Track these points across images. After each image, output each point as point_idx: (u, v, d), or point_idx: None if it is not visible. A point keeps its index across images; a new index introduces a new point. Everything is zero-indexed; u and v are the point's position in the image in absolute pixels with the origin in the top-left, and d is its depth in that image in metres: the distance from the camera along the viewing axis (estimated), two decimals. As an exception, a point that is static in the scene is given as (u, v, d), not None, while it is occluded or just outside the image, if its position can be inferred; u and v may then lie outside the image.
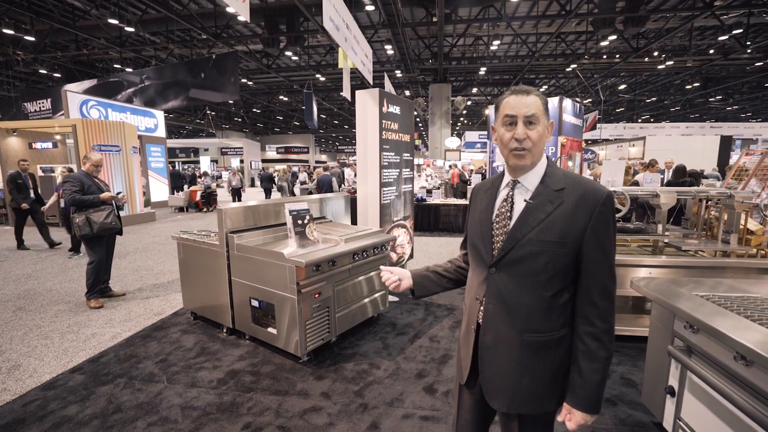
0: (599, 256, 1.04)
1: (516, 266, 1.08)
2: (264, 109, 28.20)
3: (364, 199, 4.15)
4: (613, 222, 1.05)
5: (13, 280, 5.23)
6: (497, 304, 1.11)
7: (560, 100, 8.89)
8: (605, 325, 1.04)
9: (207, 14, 12.08)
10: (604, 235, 1.03)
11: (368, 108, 3.96)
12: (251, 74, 18.69)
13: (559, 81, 21.50)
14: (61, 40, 14.42)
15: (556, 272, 1.05)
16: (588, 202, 1.03)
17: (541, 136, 1.07)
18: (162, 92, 14.01)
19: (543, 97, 1.09)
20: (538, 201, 1.07)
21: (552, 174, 1.10)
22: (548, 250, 1.04)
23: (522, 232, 1.07)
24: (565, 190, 1.06)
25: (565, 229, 1.03)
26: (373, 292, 3.46)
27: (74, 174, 4.08)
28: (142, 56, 15.83)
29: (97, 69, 17.54)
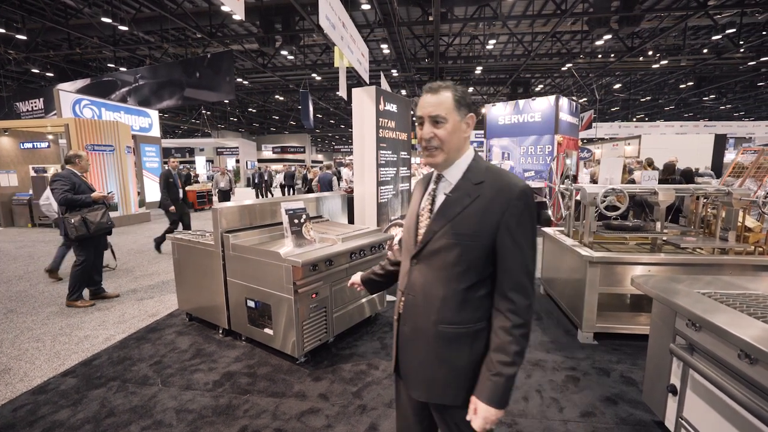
0: (512, 252, 1.03)
1: (432, 258, 1.10)
2: (260, 108, 28.07)
3: (362, 198, 4.12)
4: (528, 218, 1.04)
5: (4, 281, 5.15)
6: (415, 295, 1.15)
7: (557, 99, 8.91)
8: (518, 320, 1.03)
9: (202, 13, 11.98)
10: (517, 231, 1.03)
11: (365, 106, 3.92)
12: (247, 74, 18.59)
13: (554, 80, 21.58)
14: (53, 38, 14.24)
15: (469, 265, 1.06)
16: (502, 197, 1.03)
17: (451, 132, 1.08)
18: (157, 92, 13.89)
19: (458, 91, 1.09)
20: (457, 194, 1.10)
21: (474, 168, 1.11)
22: (461, 243, 1.05)
23: (439, 225, 1.09)
24: (483, 184, 1.07)
25: (479, 222, 1.04)
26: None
27: (63, 173, 3.97)
28: (136, 55, 15.70)
29: (91, 68, 17.36)
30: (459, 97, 1.08)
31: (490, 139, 10.15)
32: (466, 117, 1.10)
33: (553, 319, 3.65)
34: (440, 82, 1.11)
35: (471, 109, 1.12)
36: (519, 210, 1.02)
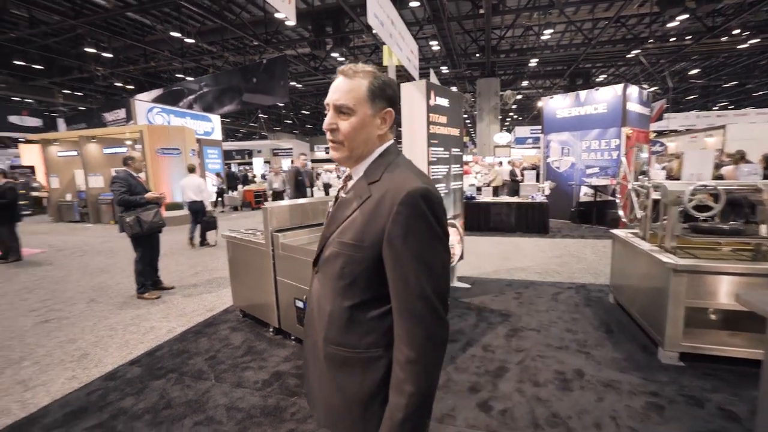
0: (397, 270, 0.85)
1: (325, 268, 0.99)
2: (312, 110, 28.97)
3: (411, 198, 3.98)
4: (416, 228, 0.84)
5: (88, 273, 5.69)
6: (312, 307, 1.04)
7: (624, 87, 8.14)
8: (411, 353, 0.83)
9: (258, 22, 12.54)
10: (402, 245, 0.84)
11: (415, 101, 3.78)
12: (300, 77, 19.23)
13: (619, 69, 19.89)
14: (132, 54, 15.72)
15: (353, 280, 0.92)
16: (387, 201, 0.87)
17: (356, 127, 0.93)
18: (218, 97, 14.82)
19: (377, 80, 0.94)
20: (350, 195, 0.97)
21: (376, 165, 0.96)
22: (344, 253, 0.92)
23: (329, 231, 0.99)
24: (377, 184, 0.92)
25: (363, 230, 0.89)
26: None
27: (120, 174, 4.24)
28: (201, 65, 16.85)
29: (163, 79, 18.94)
30: (376, 87, 0.93)
31: (548, 134, 9.54)
32: (383, 112, 0.96)
33: (627, 332, 3.25)
34: (360, 65, 0.96)
35: (391, 104, 0.97)
36: (404, 217, 0.84)
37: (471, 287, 4.51)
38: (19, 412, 2.41)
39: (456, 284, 4.55)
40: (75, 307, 4.28)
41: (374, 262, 0.88)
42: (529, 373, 2.66)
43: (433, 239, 0.86)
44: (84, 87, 19.40)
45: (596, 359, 2.82)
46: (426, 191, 0.85)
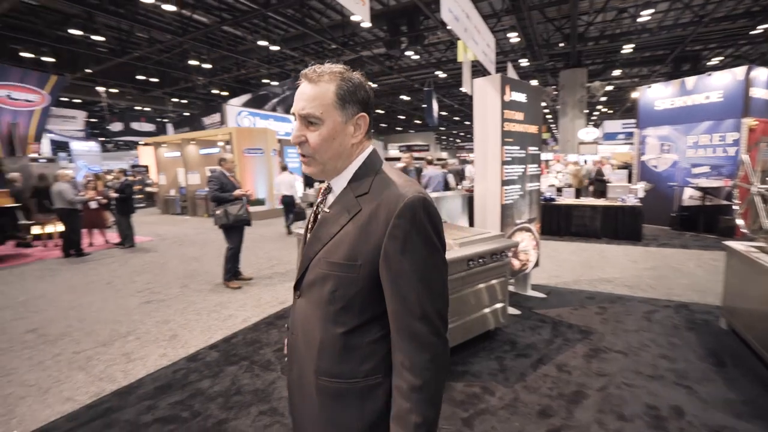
0: (395, 288, 0.78)
1: (310, 291, 0.88)
2: (386, 109, 29.37)
3: (483, 199, 3.78)
4: (419, 241, 0.77)
5: (184, 261, 6.40)
6: (296, 335, 0.93)
7: (747, 70, 6.86)
8: (417, 381, 0.76)
9: (336, 25, 13.01)
10: (400, 260, 0.77)
11: (488, 97, 3.57)
12: (374, 77, 19.58)
13: (739, 49, 16.88)
14: (227, 64, 17.42)
15: (346, 303, 0.82)
16: (381, 213, 0.79)
17: (327, 138, 0.83)
18: (298, 101, 15.73)
19: (346, 82, 0.83)
20: (335, 210, 0.87)
21: (361, 176, 0.87)
22: (334, 273, 0.83)
23: (313, 250, 0.88)
24: (366, 196, 0.84)
25: (356, 247, 0.80)
26: (491, 304, 3.08)
27: (215, 174, 4.71)
28: (284, 70, 18.05)
29: (251, 85, 20.67)
30: (345, 91, 0.83)
31: (644, 128, 8.44)
32: (355, 118, 0.85)
33: (744, 366, 2.71)
34: (324, 66, 0.85)
35: (364, 107, 0.86)
36: (402, 231, 0.77)
37: (547, 297, 4.15)
38: (122, 381, 2.77)
39: (530, 293, 4.22)
40: (170, 291, 4.83)
41: (370, 281, 0.80)
42: (613, 402, 2.34)
43: (433, 253, 0.80)
44: (188, 95, 22.01)
45: (701, 397, 2.38)
46: (423, 200, 0.79)
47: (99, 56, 14.37)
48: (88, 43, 13.39)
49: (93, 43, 13.58)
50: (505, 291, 3.14)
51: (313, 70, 0.83)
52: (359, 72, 0.88)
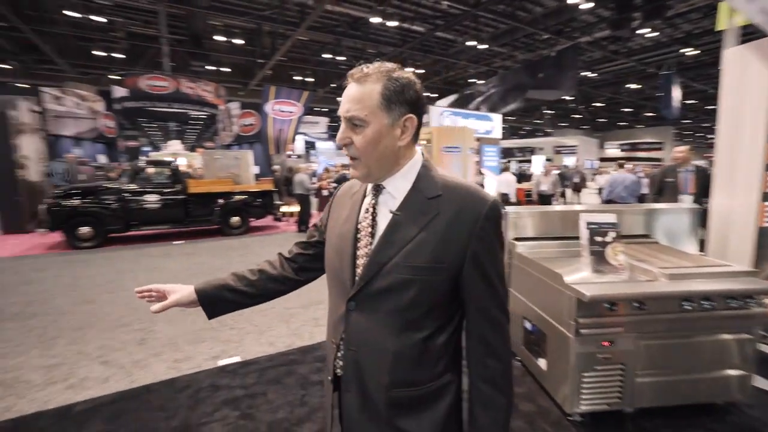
0: (484, 285, 0.82)
1: (379, 300, 0.81)
2: (608, 101, 25.09)
3: (725, 217, 2.71)
4: (499, 240, 0.83)
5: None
6: (357, 350, 0.84)
7: None
8: (500, 365, 0.84)
9: (550, 14, 11.89)
10: (488, 259, 0.81)
11: (748, 71, 2.49)
12: (593, 65, 17.01)
13: None
14: (438, 67, 18.61)
15: (431, 306, 0.81)
16: (467, 215, 0.80)
17: (372, 141, 0.80)
18: (503, 97, 15.25)
19: (393, 82, 0.79)
20: (408, 213, 0.83)
21: (426, 177, 0.86)
22: (418, 278, 0.79)
23: (386, 254, 0.81)
24: (441, 198, 0.82)
25: (440, 249, 0.79)
26: (722, 367, 2.19)
27: None
28: (491, 68, 17.83)
29: (458, 85, 21.39)
30: (392, 92, 0.79)
31: None
32: (403, 119, 0.81)
33: None
34: (373, 66, 0.81)
35: (412, 109, 0.82)
36: (490, 233, 0.81)
37: None
38: (308, 340, 3.39)
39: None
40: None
41: (450, 282, 0.82)
42: None
43: (503, 251, 0.87)
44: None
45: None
46: (498, 203, 0.84)
47: (341, 72, 17.87)
48: (335, 63, 16.80)
49: (338, 63, 16.93)
50: (749, 353, 2.16)
51: (360, 70, 0.81)
52: (410, 71, 0.83)
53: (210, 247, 7.43)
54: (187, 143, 33.01)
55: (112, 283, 5.13)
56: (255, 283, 1.05)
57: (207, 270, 5.74)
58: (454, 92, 20.23)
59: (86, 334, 3.49)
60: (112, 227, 7.34)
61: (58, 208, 6.90)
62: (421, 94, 0.84)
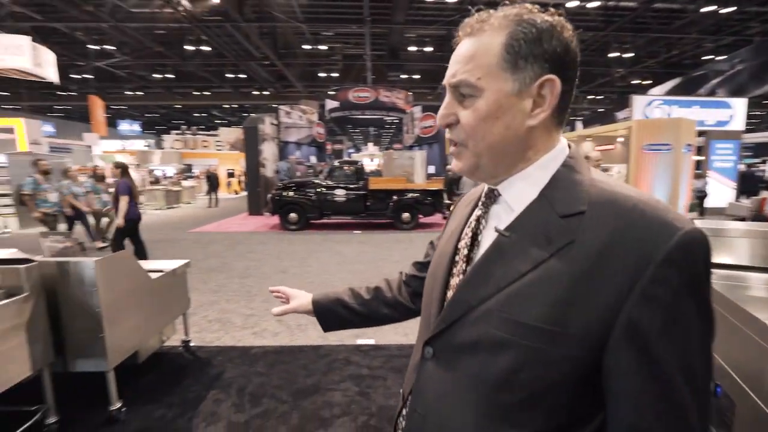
0: (648, 385, 0.45)
1: (463, 359, 0.54)
2: None
3: None
4: (693, 311, 0.44)
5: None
6: (426, 414, 0.59)
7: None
8: None
9: None
10: (664, 340, 0.44)
11: None
12: None
13: None
14: (653, 48, 15.21)
15: (541, 394, 0.49)
16: (626, 252, 0.46)
17: (484, 117, 0.53)
18: (757, 74, 11.20)
19: (522, 27, 0.52)
20: (522, 235, 0.53)
21: (566, 181, 0.54)
22: (521, 342, 0.49)
23: (478, 295, 0.54)
24: (584, 217, 0.49)
25: (564, 304, 0.47)
26: None
27: None
28: (741, 37, 13.34)
29: (684, 66, 16.90)
30: (523, 42, 0.51)
31: None
32: (537, 83, 0.52)
33: None
34: (499, 11, 0.54)
35: (556, 67, 0.52)
36: (672, 291, 0.44)
37: None
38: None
39: None
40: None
41: (582, 367, 0.48)
42: None
43: (710, 329, 0.47)
44: (603, 90, 21.25)
45: None
46: (706, 238, 0.46)
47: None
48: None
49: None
50: None
51: (476, 19, 0.56)
52: (556, 13, 0.54)
53: (380, 238, 8.26)
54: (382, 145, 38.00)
55: (302, 258, 6.37)
56: (368, 303, 0.93)
57: (369, 258, 6.43)
58: (675, 76, 16.12)
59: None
60: (311, 215, 9.08)
61: (278, 197, 9.01)
62: (571, 46, 0.54)
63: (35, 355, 2.00)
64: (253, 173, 11.18)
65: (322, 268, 5.72)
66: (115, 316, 2.22)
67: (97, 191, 7.41)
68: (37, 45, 7.67)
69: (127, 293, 2.35)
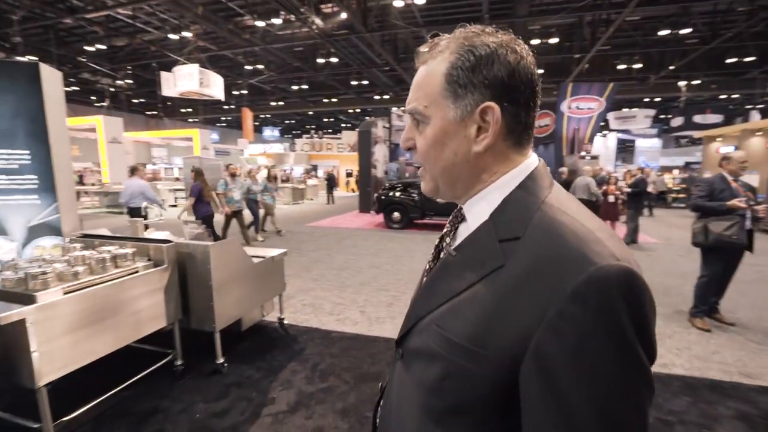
0: (546, 412, 0.44)
1: (411, 362, 0.60)
2: None
3: None
4: (605, 349, 0.42)
5: (665, 271, 5.53)
6: (389, 410, 0.67)
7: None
8: None
9: None
10: (562, 374, 0.43)
11: None
12: None
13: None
14: None
15: (458, 405, 0.52)
16: (544, 280, 0.46)
17: (432, 144, 0.58)
18: None
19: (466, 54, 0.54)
20: (464, 255, 0.57)
21: (517, 204, 0.55)
22: (445, 355, 0.52)
23: (425, 306, 0.59)
24: (519, 243, 0.50)
25: (486, 324, 0.49)
26: None
27: (708, 177, 3.68)
28: None
29: None
30: (462, 70, 0.54)
31: None
32: (477, 109, 0.54)
33: None
34: (451, 36, 0.56)
35: (498, 93, 0.53)
36: (578, 324, 0.42)
37: None
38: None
39: None
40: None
41: (500, 387, 0.49)
42: None
43: (631, 372, 0.43)
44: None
45: None
46: (629, 275, 0.44)
47: (685, 50, 14.01)
48: (676, 38, 13.35)
49: (681, 38, 13.35)
50: None
51: (429, 43, 0.59)
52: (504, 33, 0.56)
53: (479, 242, 8.06)
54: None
55: (397, 256, 6.69)
56: None
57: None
58: None
59: (363, 289, 4.85)
60: (413, 214, 9.37)
61: (384, 197, 9.54)
62: (517, 68, 0.54)
63: (169, 312, 2.68)
64: (365, 173, 12.04)
65: (414, 267, 5.93)
66: (222, 290, 2.80)
67: (269, 190, 8.30)
68: (205, 70, 9.71)
69: (232, 273, 2.93)
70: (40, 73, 2.98)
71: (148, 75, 17.38)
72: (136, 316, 2.44)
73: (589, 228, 0.49)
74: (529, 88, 0.55)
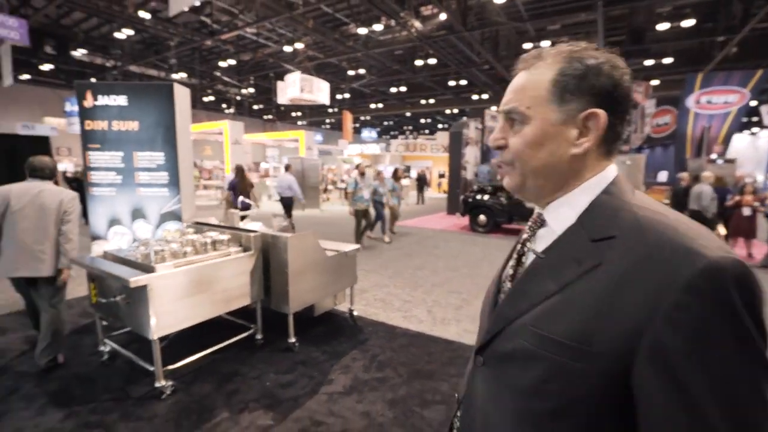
0: (670, 414, 0.44)
1: (505, 368, 0.60)
2: None
3: None
4: (724, 339, 0.43)
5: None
6: (474, 416, 0.66)
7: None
8: None
9: None
10: (683, 366, 0.44)
11: None
12: None
13: None
14: None
15: (563, 407, 0.51)
16: (651, 276, 0.47)
17: (531, 142, 0.60)
18: None
19: (572, 64, 0.58)
20: (555, 257, 0.58)
21: (604, 207, 0.57)
22: (547, 356, 0.52)
23: (516, 309, 0.59)
24: (614, 242, 0.52)
25: (590, 321, 0.50)
26: None
27: None
28: None
29: None
30: (569, 77, 0.58)
31: None
32: (582, 115, 0.57)
33: None
34: (554, 48, 0.61)
35: (602, 102, 0.57)
36: (695, 316, 0.44)
37: None
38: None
39: None
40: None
41: (610, 385, 0.50)
42: None
43: (753, 361, 0.45)
44: None
45: None
46: (741, 266, 0.46)
47: None
48: None
49: None
50: None
51: (532, 54, 0.63)
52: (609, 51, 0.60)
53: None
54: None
55: (477, 260, 6.55)
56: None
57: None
58: None
59: (435, 289, 4.90)
60: (500, 218, 9.01)
61: (470, 199, 9.36)
62: (621, 82, 0.58)
63: (253, 292, 3.13)
64: (455, 175, 11.92)
65: (491, 273, 5.73)
66: (298, 277, 3.16)
67: (395, 189, 8.17)
68: (310, 77, 10.67)
69: (307, 262, 3.27)
70: (174, 91, 3.73)
71: (266, 84, 19.75)
72: (227, 292, 2.92)
73: (687, 224, 0.51)
74: (627, 101, 0.59)
